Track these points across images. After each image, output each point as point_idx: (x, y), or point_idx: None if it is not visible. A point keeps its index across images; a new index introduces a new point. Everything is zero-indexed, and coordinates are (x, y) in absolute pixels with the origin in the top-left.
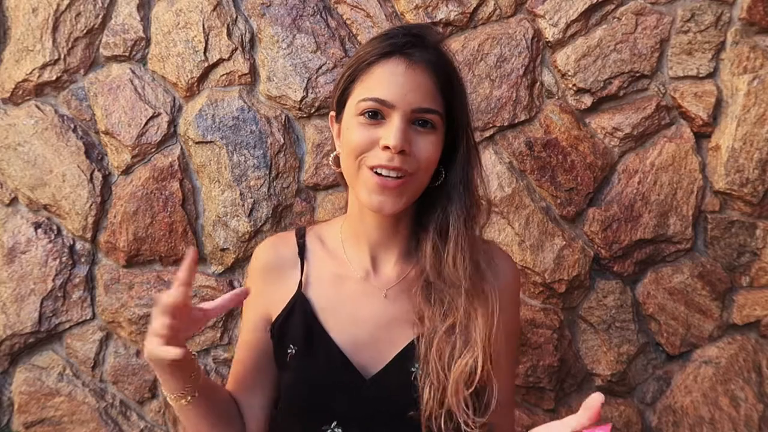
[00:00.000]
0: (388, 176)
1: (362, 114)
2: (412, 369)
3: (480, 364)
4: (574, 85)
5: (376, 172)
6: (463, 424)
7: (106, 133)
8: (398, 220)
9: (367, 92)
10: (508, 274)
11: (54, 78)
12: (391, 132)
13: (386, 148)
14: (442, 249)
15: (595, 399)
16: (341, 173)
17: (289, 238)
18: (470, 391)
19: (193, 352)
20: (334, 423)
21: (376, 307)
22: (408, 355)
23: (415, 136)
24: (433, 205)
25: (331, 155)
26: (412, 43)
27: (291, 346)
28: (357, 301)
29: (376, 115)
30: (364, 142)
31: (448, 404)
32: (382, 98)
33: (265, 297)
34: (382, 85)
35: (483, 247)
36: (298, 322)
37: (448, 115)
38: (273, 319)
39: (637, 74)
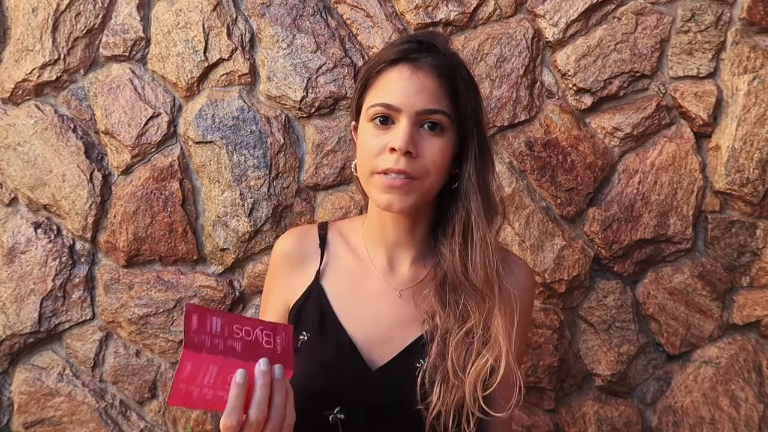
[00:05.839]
0: (396, 177)
1: (372, 120)
2: (417, 364)
3: (503, 363)
4: (574, 85)
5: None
6: (471, 423)
7: (106, 133)
8: (415, 222)
9: (375, 98)
10: (525, 281)
11: (54, 78)
12: (396, 134)
13: (392, 150)
14: (466, 251)
15: None
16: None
17: (311, 230)
18: (487, 392)
19: None
20: (338, 409)
21: (390, 305)
22: (415, 350)
23: (423, 139)
24: (451, 208)
25: (353, 163)
26: (418, 49)
27: (304, 333)
28: (373, 298)
29: (386, 120)
30: (375, 146)
31: (461, 405)
32: (388, 102)
33: (286, 284)
34: (389, 91)
35: (501, 253)
36: (312, 310)
37: (459, 117)
38: (290, 306)
39: (637, 74)
